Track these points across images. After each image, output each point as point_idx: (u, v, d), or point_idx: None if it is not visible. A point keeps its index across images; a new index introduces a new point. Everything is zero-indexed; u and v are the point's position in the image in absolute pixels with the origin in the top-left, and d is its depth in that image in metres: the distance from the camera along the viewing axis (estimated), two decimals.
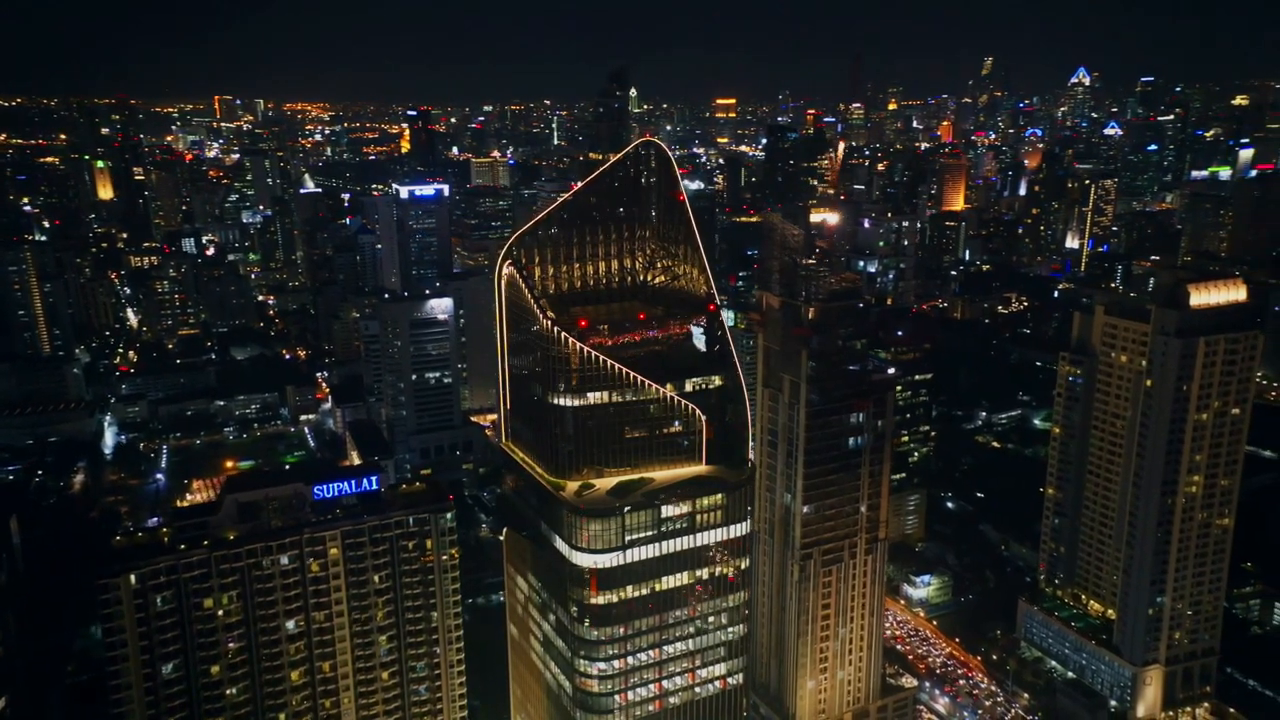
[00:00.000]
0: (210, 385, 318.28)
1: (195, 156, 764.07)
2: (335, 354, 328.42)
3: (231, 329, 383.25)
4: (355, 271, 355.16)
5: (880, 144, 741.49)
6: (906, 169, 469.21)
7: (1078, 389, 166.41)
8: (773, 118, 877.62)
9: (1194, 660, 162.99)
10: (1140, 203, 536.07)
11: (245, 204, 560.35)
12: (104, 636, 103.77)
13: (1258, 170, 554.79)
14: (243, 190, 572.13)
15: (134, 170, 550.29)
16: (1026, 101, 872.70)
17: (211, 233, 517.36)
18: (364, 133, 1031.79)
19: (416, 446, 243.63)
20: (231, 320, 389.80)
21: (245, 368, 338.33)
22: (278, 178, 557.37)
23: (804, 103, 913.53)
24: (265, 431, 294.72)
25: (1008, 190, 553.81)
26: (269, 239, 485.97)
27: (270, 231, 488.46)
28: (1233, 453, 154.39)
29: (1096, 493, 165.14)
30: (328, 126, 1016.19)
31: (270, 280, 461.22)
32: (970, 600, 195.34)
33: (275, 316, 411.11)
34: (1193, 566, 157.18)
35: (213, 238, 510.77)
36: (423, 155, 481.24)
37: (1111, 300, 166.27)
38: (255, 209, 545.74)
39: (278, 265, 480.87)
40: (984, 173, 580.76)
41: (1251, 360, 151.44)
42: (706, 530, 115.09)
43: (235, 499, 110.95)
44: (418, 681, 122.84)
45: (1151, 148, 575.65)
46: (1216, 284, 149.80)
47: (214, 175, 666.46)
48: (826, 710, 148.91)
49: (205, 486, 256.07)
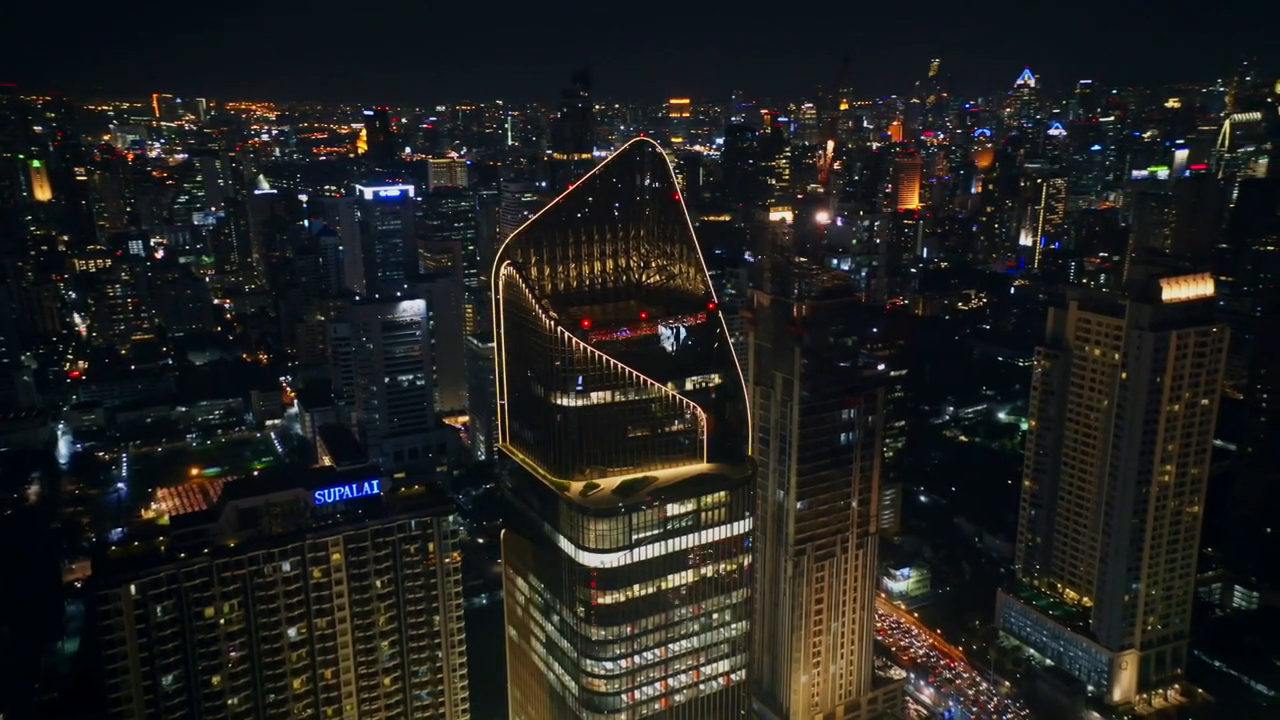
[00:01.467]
0: (170, 391, 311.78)
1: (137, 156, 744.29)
2: (299, 358, 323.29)
3: (188, 333, 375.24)
4: (318, 274, 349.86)
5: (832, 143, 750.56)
6: (865, 168, 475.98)
7: (1052, 382, 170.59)
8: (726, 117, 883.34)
9: (1166, 644, 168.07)
10: (1086, 201, 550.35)
11: (196, 205, 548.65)
12: (104, 649, 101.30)
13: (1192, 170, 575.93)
14: (193, 191, 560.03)
15: (75, 170, 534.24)
16: (972, 102, 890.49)
17: (160, 235, 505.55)
18: (313, 133, 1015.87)
19: (390, 450, 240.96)
20: (188, 325, 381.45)
21: (206, 373, 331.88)
22: (230, 179, 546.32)
23: (756, 103, 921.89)
24: (230, 437, 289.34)
25: (960, 189, 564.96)
26: (223, 241, 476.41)
27: (224, 234, 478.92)
28: (1202, 442, 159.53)
29: (1071, 484, 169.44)
30: (274, 126, 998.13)
31: (226, 283, 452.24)
32: (948, 592, 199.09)
33: (233, 320, 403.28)
34: (1165, 553, 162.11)
35: (161, 240, 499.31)
36: (380, 156, 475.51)
37: (1084, 295, 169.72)
38: (207, 211, 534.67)
39: (233, 268, 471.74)
40: (936, 172, 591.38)
41: (1219, 353, 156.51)
42: (711, 528, 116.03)
43: (235, 505, 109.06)
44: (420, 686, 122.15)
45: (1095, 148, 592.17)
46: (1186, 279, 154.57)
47: (158, 176, 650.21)
48: (820, 704, 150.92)
49: (170, 495, 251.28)
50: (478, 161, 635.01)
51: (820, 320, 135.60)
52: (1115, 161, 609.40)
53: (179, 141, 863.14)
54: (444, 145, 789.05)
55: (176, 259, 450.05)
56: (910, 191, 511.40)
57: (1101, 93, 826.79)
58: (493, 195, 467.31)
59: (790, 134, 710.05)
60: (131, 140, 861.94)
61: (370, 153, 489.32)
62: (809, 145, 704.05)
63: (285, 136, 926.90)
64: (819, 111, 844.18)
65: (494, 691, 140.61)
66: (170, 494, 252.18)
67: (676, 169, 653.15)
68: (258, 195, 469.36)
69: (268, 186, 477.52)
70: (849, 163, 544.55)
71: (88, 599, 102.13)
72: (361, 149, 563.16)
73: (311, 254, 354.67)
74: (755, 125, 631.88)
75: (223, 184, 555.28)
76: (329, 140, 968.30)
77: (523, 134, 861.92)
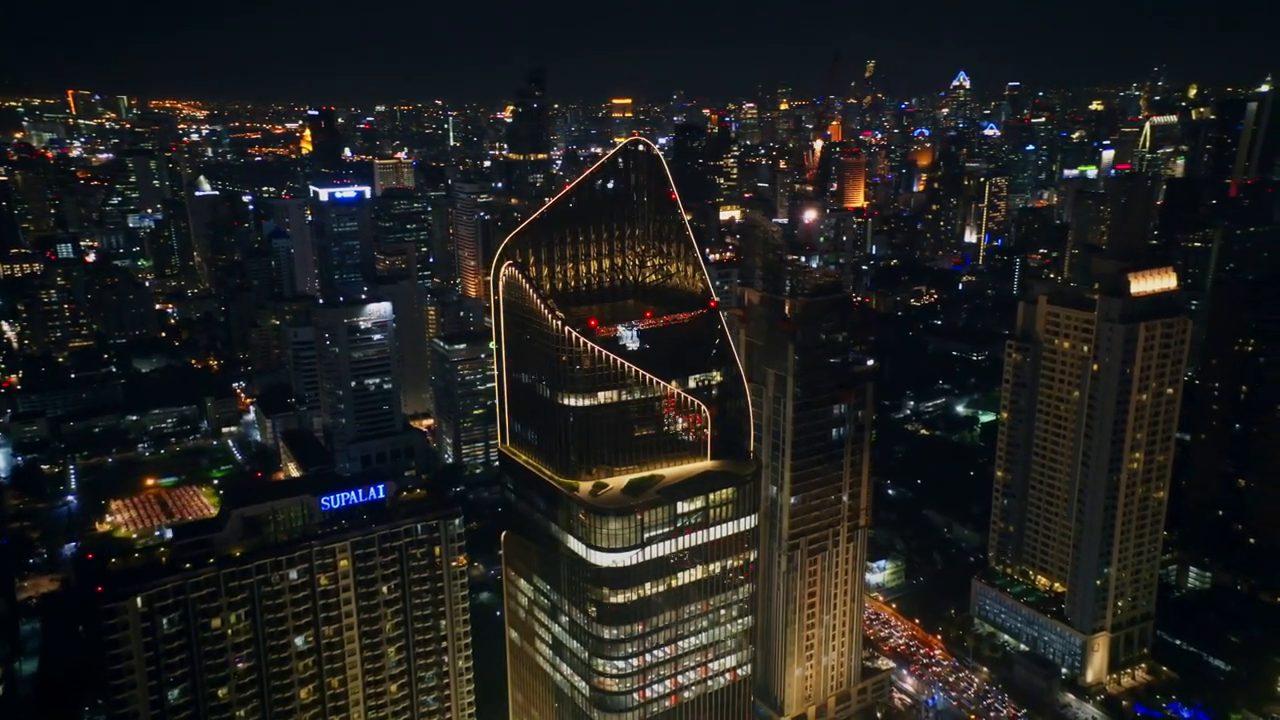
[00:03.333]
0: (117, 400, 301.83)
1: (57, 156, 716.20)
2: (254, 363, 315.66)
3: (131, 340, 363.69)
4: (270, 277, 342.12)
5: (774, 143, 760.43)
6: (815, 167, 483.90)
7: (1023, 375, 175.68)
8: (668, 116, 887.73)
9: (1134, 625, 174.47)
10: (1022, 199, 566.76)
11: (130, 207, 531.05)
12: (110, 664, 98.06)
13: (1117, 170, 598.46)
14: (126, 193, 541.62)
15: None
16: (907, 103, 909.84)
17: (90, 238, 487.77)
18: (246, 133, 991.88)
19: (357, 455, 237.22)
20: (130, 331, 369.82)
21: (154, 380, 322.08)
22: (166, 179, 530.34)
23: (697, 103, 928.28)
24: (185, 446, 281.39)
25: (903, 187, 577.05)
26: (163, 244, 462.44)
27: (164, 236, 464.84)
28: (1167, 430, 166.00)
29: (1042, 473, 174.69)
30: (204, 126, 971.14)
31: (168, 287, 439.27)
32: (922, 582, 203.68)
33: (178, 326, 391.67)
34: (1134, 538, 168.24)
35: (93, 243, 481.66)
36: (326, 157, 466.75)
37: (1053, 290, 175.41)
38: (143, 213, 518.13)
39: (175, 272, 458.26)
40: (878, 171, 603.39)
41: (1182, 344, 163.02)
42: (719, 524, 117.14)
43: (240, 513, 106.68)
44: (426, 692, 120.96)
45: (1029, 148, 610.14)
46: (1152, 273, 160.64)
47: (83, 177, 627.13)
48: (812, 696, 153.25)
49: (126, 506, 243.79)
50: (422, 162, 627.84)
51: (812, 317, 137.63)
52: (1047, 161, 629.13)
53: (101, 140, 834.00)
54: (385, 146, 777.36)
55: (110, 263, 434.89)
56: (856, 190, 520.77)
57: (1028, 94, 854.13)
58: (442, 196, 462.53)
59: (733, 134, 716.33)
60: (49, 139, 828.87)
61: (316, 153, 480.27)
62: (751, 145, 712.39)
63: (218, 136, 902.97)
64: (760, 111, 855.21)
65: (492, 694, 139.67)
66: (125, 506, 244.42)
67: None
68: (199, 197, 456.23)
69: (209, 188, 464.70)
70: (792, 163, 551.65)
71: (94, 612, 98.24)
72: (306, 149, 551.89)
73: (263, 257, 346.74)
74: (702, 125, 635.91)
75: (158, 185, 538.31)
76: (264, 140, 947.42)
77: (464, 134, 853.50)
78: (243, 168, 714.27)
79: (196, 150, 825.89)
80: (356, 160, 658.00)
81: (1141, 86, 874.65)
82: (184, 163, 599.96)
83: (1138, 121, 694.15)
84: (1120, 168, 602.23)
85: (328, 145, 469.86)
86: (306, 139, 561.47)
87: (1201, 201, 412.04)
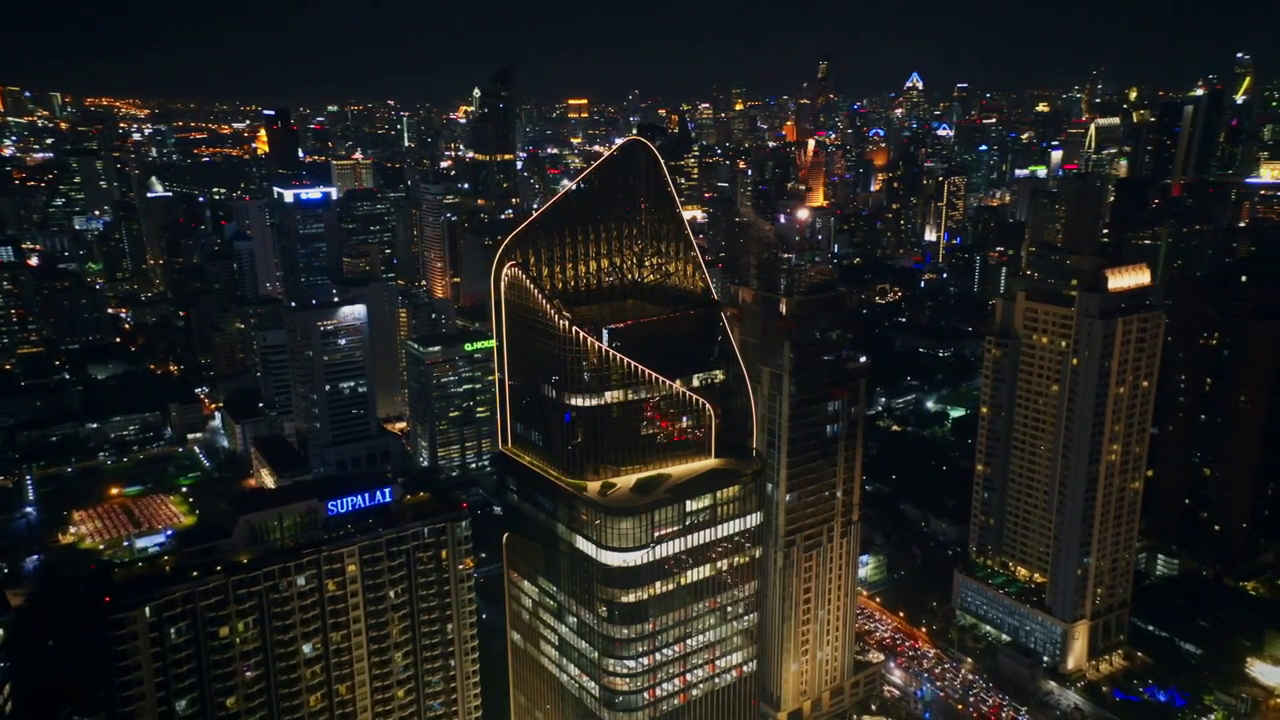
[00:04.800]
0: (73, 407, 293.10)
1: None
2: (217, 367, 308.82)
3: (85, 346, 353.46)
4: (233, 280, 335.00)
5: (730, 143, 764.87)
6: (776, 166, 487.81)
7: (1003, 370, 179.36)
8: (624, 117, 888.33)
9: (1111, 613, 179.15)
10: (976, 198, 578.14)
11: (75, 209, 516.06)
12: (118, 675, 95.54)
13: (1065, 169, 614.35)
14: (70, 194, 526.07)
15: None
16: (860, 104, 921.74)
17: (32, 241, 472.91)
18: (191, 133, 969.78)
19: (332, 459, 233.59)
20: (83, 336, 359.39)
21: (112, 387, 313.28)
22: (114, 180, 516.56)
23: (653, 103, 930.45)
24: (149, 454, 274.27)
25: (860, 187, 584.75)
26: (114, 247, 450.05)
27: (115, 239, 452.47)
28: (1143, 422, 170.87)
29: (1022, 466, 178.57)
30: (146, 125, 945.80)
31: (120, 291, 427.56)
32: (903, 576, 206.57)
33: (133, 330, 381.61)
34: (1112, 528, 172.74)
35: (35, 246, 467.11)
36: (284, 157, 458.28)
37: (1031, 287, 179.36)
38: (90, 214, 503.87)
39: (127, 275, 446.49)
40: (836, 170, 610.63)
41: (1156, 338, 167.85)
42: (726, 522, 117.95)
43: (248, 520, 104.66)
44: (433, 696, 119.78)
45: (982, 148, 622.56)
46: (1127, 269, 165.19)
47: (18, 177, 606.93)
48: (807, 691, 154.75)
49: (89, 517, 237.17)
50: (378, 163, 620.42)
51: (808, 315, 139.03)
52: (999, 160, 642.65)
53: (35, 139, 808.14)
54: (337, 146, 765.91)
55: (55, 266, 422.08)
56: (816, 189, 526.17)
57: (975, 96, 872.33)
58: (402, 198, 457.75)
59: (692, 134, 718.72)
60: None
61: (273, 154, 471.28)
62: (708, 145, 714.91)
63: (162, 136, 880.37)
64: (715, 111, 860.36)
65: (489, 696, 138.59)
66: (89, 516, 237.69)
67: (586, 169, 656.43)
68: (152, 198, 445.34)
69: (161, 189, 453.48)
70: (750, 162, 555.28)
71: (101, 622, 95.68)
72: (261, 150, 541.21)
73: (225, 260, 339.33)
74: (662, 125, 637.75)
75: (105, 186, 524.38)
76: (211, 141, 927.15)
77: (419, 135, 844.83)
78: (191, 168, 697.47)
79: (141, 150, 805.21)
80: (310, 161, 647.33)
81: (1082, 89, 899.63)
82: (130, 163, 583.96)
83: (1083, 123, 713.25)
84: (1068, 167, 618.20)
85: (285, 146, 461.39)
86: (262, 139, 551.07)
87: (1148, 200, 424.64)
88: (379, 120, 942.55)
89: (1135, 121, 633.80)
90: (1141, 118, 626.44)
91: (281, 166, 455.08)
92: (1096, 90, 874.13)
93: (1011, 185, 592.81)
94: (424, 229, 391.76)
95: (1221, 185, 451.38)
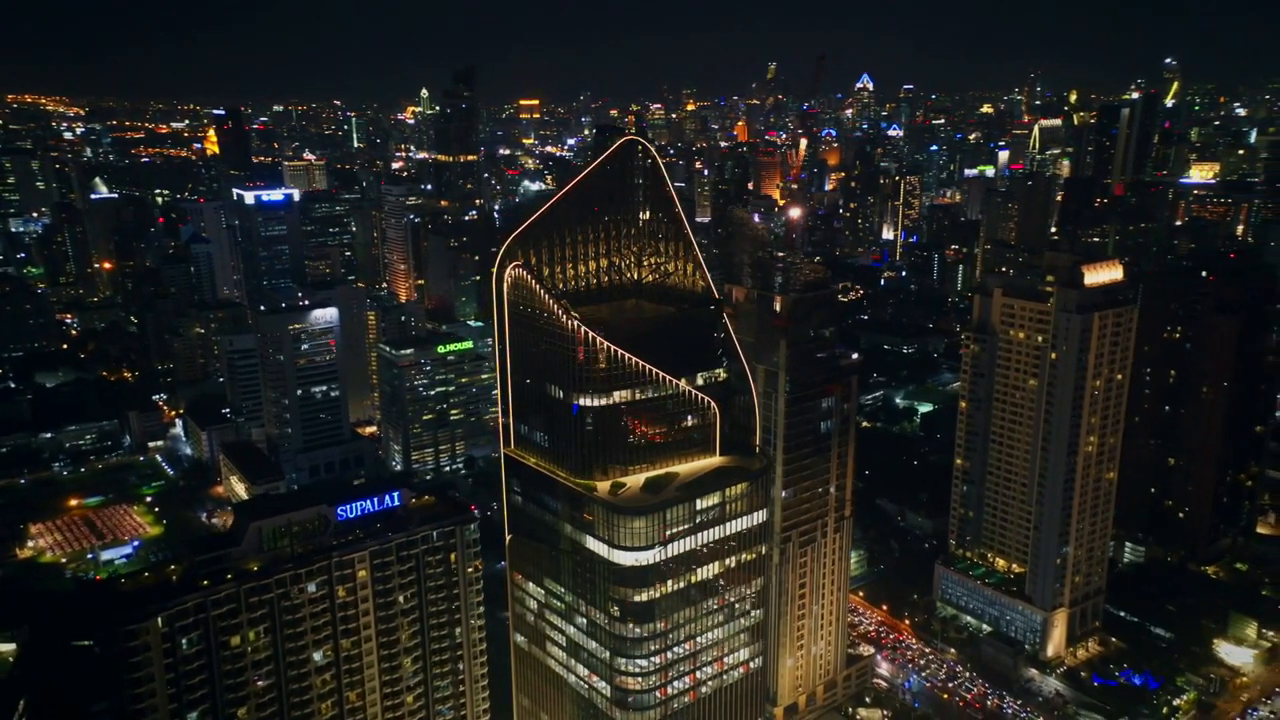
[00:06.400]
0: (23, 417, 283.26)
1: None
2: (176, 373, 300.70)
3: (30, 353, 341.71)
4: (190, 284, 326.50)
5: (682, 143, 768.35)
6: (736, 166, 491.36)
7: (981, 365, 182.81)
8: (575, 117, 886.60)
9: (1088, 600, 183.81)
10: (929, 197, 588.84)
11: (10, 210, 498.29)
12: (131, 688, 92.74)
13: (1012, 169, 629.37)
14: (3, 194, 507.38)
15: None
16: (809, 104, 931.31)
17: None
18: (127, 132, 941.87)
19: (305, 465, 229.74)
20: (28, 343, 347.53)
21: (64, 395, 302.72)
22: (52, 181, 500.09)
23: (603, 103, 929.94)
24: (108, 464, 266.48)
25: (814, 186, 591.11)
26: (56, 250, 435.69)
27: (57, 241, 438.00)
28: (1117, 414, 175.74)
29: (1000, 459, 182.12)
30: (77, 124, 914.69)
31: (65, 296, 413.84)
32: (883, 570, 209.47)
33: (81, 336, 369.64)
34: (1089, 517, 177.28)
35: None
36: (234, 158, 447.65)
37: (1008, 283, 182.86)
38: (27, 216, 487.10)
39: (71, 279, 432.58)
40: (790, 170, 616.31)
41: (1129, 331, 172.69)
42: (734, 519, 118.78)
43: (258, 526, 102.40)
44: (442, 701, 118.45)
45: (933, 148, 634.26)
46: (1102, 265, 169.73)
47: None
48: (802, 685, 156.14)
49: (47, 530, 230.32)
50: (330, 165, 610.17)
51: (803, 313, 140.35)
52: (948, 160, 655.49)
53: None
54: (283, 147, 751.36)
55: None
56: (771, 189, 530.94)
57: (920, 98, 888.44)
58: (357, 199, 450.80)
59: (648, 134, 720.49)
60: None
61: (224, 155, 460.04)
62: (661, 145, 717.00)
63: (97, 135, 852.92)
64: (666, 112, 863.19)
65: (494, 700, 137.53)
66: (47, 529, 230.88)
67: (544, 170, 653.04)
68: (96, 200, 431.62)
69: (106, 190, 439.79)
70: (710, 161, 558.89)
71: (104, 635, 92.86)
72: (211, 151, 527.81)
73: (181, 263, 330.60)
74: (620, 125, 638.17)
75: (43, 187, 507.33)
76: (149, 140, 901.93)
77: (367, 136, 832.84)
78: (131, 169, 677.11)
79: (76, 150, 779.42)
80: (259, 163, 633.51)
81: (1021, 91, 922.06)
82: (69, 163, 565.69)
83: (1026, 124, 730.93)
84: (1014, 167, 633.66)
85: (236, 146, 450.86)
86: (211, 139, 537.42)
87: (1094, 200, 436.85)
88: (325, 121, 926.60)
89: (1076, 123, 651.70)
90: (1082, 119, 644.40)
91: (233, 167, 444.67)
92: (1035, 92, 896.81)
93: (961, 184, 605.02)
94: (386, 231, 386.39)
95: (1159, 185, 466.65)
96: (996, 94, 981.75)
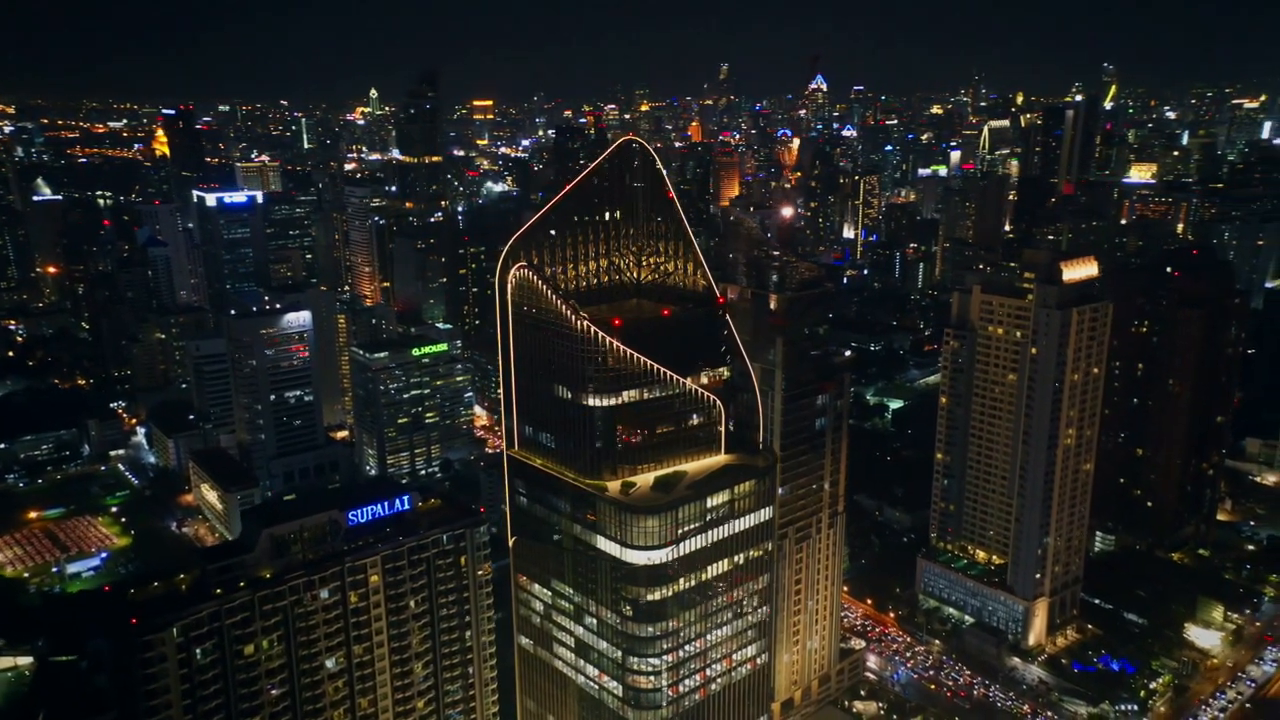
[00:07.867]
0: None
1: None
2: (136, 380, 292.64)
3: None
4: (147, 288, 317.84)
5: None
6: (697, 166, 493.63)
7: (960, 361, 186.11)
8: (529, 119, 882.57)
9: (1067, 589, 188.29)
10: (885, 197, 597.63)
11: None
12: (145, 700, 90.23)
13: (963, 169, 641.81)
14: None
15: None
16: (761, 104, 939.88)
17: None
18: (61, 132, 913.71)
19: (279, 471, 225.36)
20: None
21: (14, 404, 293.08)
22: None
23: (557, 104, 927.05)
24: (67, 474, 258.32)
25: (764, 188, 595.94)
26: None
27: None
28: (1094, 407, 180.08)
29: (980, 453, 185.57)
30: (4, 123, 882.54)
31: (7, 302, 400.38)
32: (865, 564, 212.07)
33: (28, 344, 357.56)
34: (1068, 508, 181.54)
35: None
36: (186, 159, 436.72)
37: (986, 280, 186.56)
38: None
39: (12, 285, 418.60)
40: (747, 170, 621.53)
41: (1105, 326, 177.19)
42: (742, 517, 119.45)
43: (270, 533, 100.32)
44: (452, 705, 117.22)
45: (889, 148, 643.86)
46: (1079, 262, 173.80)
47: None
48: (798, 680, 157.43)
49: (7, 544, 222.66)
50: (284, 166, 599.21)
51: (799, 311, 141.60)
52: (901, 160, 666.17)
53: None
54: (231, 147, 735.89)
55: None
56: (730, 189, 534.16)
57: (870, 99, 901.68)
58: (314, 200, 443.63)
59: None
60: None
61: (175, 156, 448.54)
62: None
63: (29, 135, 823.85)
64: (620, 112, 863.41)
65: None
66: (6, 543, 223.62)
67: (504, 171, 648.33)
68: (39, 202, 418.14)
69: (49, 192, 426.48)
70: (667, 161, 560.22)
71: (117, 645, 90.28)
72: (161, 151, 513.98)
73: (138, 267, 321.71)
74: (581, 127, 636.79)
75: None
76: (85, 140, 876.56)
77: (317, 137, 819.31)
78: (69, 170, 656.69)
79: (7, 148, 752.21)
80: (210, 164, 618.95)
81: (966, 93, 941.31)
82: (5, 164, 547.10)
83: (975, 125, 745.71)
84: (966, 167, 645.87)
85: (188, 147, 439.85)
86: (160, 140, 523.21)
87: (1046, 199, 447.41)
88: (273, 121, 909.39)
89: (1023, 124, 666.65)
90: (1029, 121, 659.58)
91: (185, 169, 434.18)
92: (980, 94, 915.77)
93: (916, 184, 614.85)
94: (349, 233, 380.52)
95: (1104, 185, 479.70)
96: (943, 95, 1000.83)
